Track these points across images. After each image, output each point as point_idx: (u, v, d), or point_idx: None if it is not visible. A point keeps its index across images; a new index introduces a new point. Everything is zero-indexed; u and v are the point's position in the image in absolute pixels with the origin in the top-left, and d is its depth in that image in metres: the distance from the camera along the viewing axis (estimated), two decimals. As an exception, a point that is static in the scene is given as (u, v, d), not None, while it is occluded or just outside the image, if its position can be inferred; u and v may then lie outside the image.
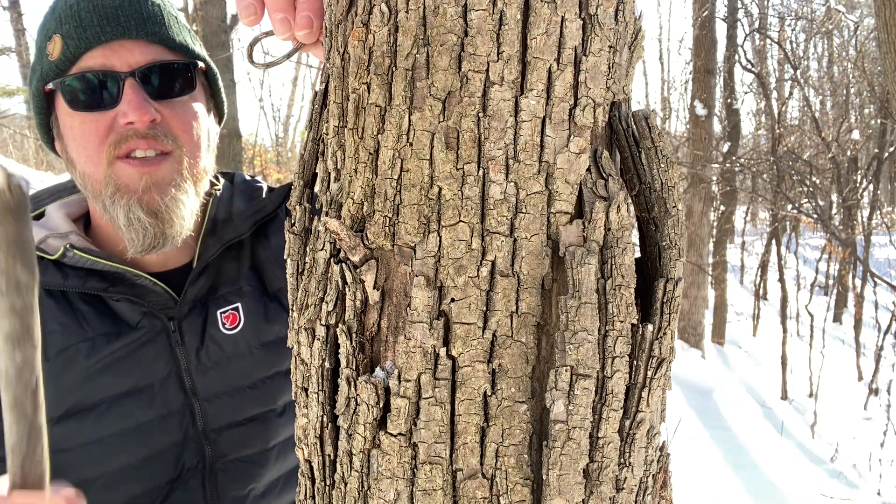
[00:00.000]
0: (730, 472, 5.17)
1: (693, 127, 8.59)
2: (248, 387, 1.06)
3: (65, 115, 0.96)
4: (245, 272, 1.09)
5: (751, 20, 10.50)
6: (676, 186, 0.60)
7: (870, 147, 10.90)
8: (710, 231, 9.27)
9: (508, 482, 0.56)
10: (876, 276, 7.07)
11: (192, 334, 1.02)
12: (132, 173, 0.93)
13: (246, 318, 1.06)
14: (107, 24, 0.92)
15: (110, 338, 0.97)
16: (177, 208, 0.95)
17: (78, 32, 0.92)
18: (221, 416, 1.03)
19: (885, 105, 7.75)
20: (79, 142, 0.95)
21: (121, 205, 0.93)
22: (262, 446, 1.07)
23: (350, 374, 0.59)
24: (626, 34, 0.59)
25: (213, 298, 1.05)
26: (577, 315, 0.54)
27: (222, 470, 1.03)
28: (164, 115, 0.95)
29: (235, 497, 1.05)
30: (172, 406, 1.00)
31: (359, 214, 0.59)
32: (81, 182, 0.98)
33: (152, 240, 0.95)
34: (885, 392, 6.68)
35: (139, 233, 0.94)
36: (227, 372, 1.04)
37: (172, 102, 0.97)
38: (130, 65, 0.93)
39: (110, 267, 0.98)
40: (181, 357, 1.01)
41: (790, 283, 10.41)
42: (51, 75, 0.95)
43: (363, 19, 0.58)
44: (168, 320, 1.01)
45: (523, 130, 0.55)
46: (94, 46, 0.92)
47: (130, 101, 0.92)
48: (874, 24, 5.67)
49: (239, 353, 1.05)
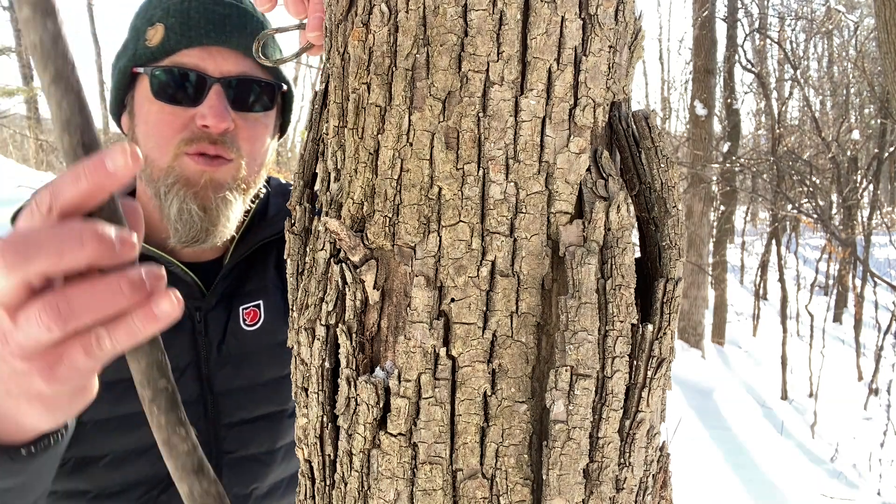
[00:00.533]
0: (730, 472, 5.17)
1: (693, 127, 8.59)
2: (262, 384, 1.08)
3: (144, 100, 0.99)
4: (271, 272, 1.12)
5: (751, 20, 10.50)
6: (676, 186, 0.60)
7: (870, 147, 10.90)
8: (710, 231, 9.27)
9: (508, 482, 0.56)
10: (876, 276, 7.07)
11: (216, 327, 1.05)
12: (196, 170, 0.96)
13: (266, 316, 1.08)
14: (212, 28, 0.96)
15: None
16: (226, 209, 0.99)
17: (183, 29, 0.96)
18: (234, 412, 1.05)
19: (885, 105, 7.75)
20: (152, 128, 0.98)
21: (178, 196, 0.96)
22: (270, 446, 1.09)
23: (350, 374, 0.59)
24: (626, 34, 0.59)
25: (237, 295, 1.08)
26: (577, 315, 0.54)
27: (228, 466, 1.05)
28: (238, 125, 0.99)
29: (238, 495, 1.06)
30: (187, 396, 1.02)
31: (359, 214, 0.59)
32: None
33: (197, 233, 0.98)
34: (885, 392, 6.68)
35: (187, 224, 0.97)
36: (244, 367, 1.06)
37: (247, 116, 1.01)
38: (222, 72, 0.97)
39: (147, 250, 1.01)
40: (202, 348, 1.04)
41: (790, 283, 10.41)
42: (143, 60, 0.98)
43: (363, 19, 0.58)
44: (195, 310, 1.03)
45: (523, 130, 0.55)
46: (193, 45, 0.96)
47: (213, 107, 0.95)
48: (874, 24, 5.67)
49: (256, 350, 1.07)
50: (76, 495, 0.98)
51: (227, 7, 0.99)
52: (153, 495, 1.00)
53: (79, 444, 0.96)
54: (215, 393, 1.04)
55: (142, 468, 1.00)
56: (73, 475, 0.97)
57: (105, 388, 0.97)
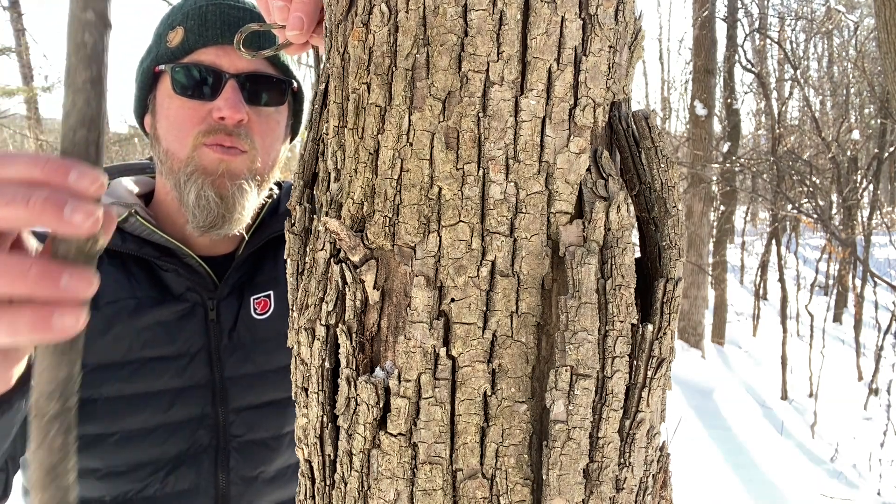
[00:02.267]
0: (730, 472, 5.17)
1: (693, 127, 8.59)
2: (271, 371, 1.12)
3: (165, 97, 1.06)
4: (281, 264, 1.17)
5: (751, 20, 10.50)
6: (676, 186, 0.60)
7: (870, 147, 10.90)
8: (710, 231, 9.27)
9: (508, 482, 0.56)
10: (876, 276, 7.07)
11: (228, 315, 1.10)
12: (213, 159, 1.02)
13: (276, 306, 1.14)
14: (227, 29, 1.04)
15: (155, 302, 1.05)
16: (242, 198, 1.04)
17: (201, 30, 1.04)
18: (242, 398, 1.09)
19: (885, 105, 7.76)
20: (172, 122, 1.05)
21: (196, 183, 1.02)
22: (277, 431, 1.13)
23: (350, 374, 0.59)
24: (626, 34, 0.59)
25: (249, 285, 1.14)
26: (577, 315, 0.54)
27: (235, 449, 1.09)
28: (252, 118, 1.05)
29: (245, 477, 1.10)
30: (197, 380, 1.07)
31: (359, 214, 0.59)
32: (163, 157, 1.06)
33: (214, 219, 1.03)
34: (885, 392, 6.68)
35: (204, 211, 1.02)
36: (254, 354, 1.11)
37: (260, 110, 1.07)
38: (237, 68, 1.03)
39: (164, 240, 1.07)
40: (214, 335, 1.09)
41: (790, 283, 10.41)
42: (164, 59, 1.05)
43: (363, 19, 0.58)
44: (208, 299, 1.09)
45: (523, 130, 0.55)
46: (210, 44, 1.03)
47: (228, 99, 1.01)
48: (874, 24, 5.67)
49: (266, 338, 1.12)
50: (87, 473, 1.02)
51: (242, 11, 1.07)
52: (160, 476, 1.04)
53: (92, 420, 1.00)
54: (225, 378, 1.08)
55: (147, 448, 1.03)
56: (83, 453, 1.00)
57: (117, 366, 1.02)
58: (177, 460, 1.05)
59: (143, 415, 1.03)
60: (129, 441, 1.02)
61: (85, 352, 0.54)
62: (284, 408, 1.13)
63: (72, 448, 0.43)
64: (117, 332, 1.02)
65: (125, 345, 1.03)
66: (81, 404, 0.99)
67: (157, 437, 1.03)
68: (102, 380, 1.01)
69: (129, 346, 1.03)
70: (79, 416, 0.97)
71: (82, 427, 0.99)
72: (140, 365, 1.03)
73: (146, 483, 1.03)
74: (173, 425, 1.05)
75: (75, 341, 0.43)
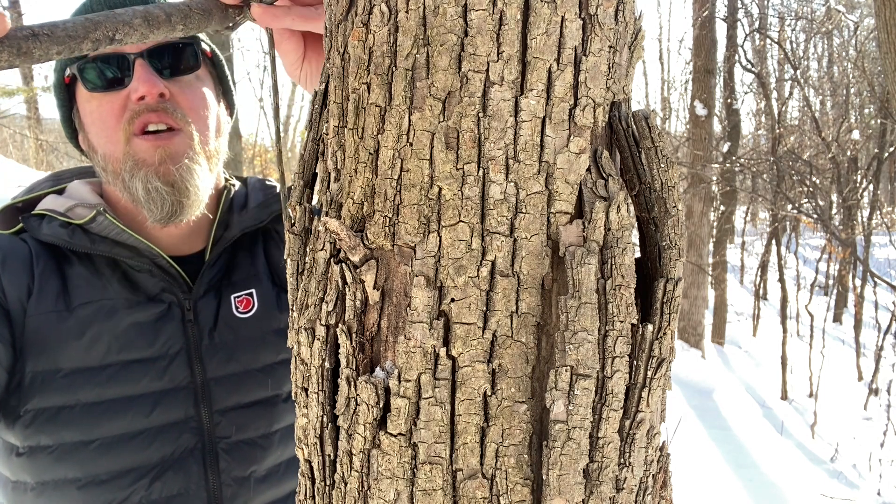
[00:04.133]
0: (730, 472, 5.17)
1: (693, 127, 8.59)
2: (257, 370, 1.10)
3: (84, 102, 1.05)
4: (260, 262, 1.15)
5: (751, 20, 10.50)
6: (676, 186, 0.60)
7: (870, 147, 10.90)
8: (710, 231, 9.28)
9: (508, 482, 0.56)
10: (876, 276, 7.07)
11: (207, 315, 1.07)
12: (148, 147, 1.00)
13: (259, 304, 1.11)
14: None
15: (130, 304, 1.03)
16: (191, 178, 1.01)
17: None
18: (227, 398, 1.07)
19: (885, 105, 7.75)
20: (98, 124, 1.03)
21: (139, 177, 0.99)
22: (266, 430, 1.11)
23: (350, 374, 0.59)
24: (626, 34, 0.59)
25: (226, 284, 1.11)
26: (577, 315, 0.54)
27: (224, 451, 1.06)
28: (173, 92, 1.02)
29: (237, 477, 1.07)
30: (178, 382, 1.04)
31: (359, 214, 0.59)
32: (102, 164, 1.05)
33: (170, 208, 1.00)
34: (885, 392, 6.68)
35: (157, 202, 1.00)
36: (238, 354, 1.08)
37: (180, 81, 1.04)
38: (139, 48, 1.01)
39: (135, 240, 1.04)
40: (193, 335, 1.06)
41: (790, 283, 10.41)
42: (69, 62, 1.03)
43: (363, 19, 0.58)
44: (183, 299, 1.06)
45: (523, 130, 0.55)
46: None
47: (139, 77, 0.99)
48: (874, 24, 5.67)
49: (250, 337, 1.09)
50: (66, 484, 0.98)
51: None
52: (144, 483, 1.00)
53: (70, 427, 0.97)
54: (208, 379, 1.06)
55: (130, 455, 1.00)
56: (62, 462, 0.98)
57: (94, 371, 0.99)
58: (162, 466, 1.02)
59: (123, 420, 0.99)
60: (111, 448, 0.99)
61: (60, 356, 0.53)
62: (273, 405, 1.11)
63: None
64: (93, 335, 0.99)
65: (102, 348, 1.00)
66: (58, 411, 0.98)
67: (140, 442, 1.00)
68: (80, 385, 0.98)
69: (107, 350, 1.00)
70: (56, 423, 0.97)
71: (60, 435, 0.97)
72: (118, 368, 1.00)
73: (130, 491, 1.00)
74: (156, 429, 1.01)
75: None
